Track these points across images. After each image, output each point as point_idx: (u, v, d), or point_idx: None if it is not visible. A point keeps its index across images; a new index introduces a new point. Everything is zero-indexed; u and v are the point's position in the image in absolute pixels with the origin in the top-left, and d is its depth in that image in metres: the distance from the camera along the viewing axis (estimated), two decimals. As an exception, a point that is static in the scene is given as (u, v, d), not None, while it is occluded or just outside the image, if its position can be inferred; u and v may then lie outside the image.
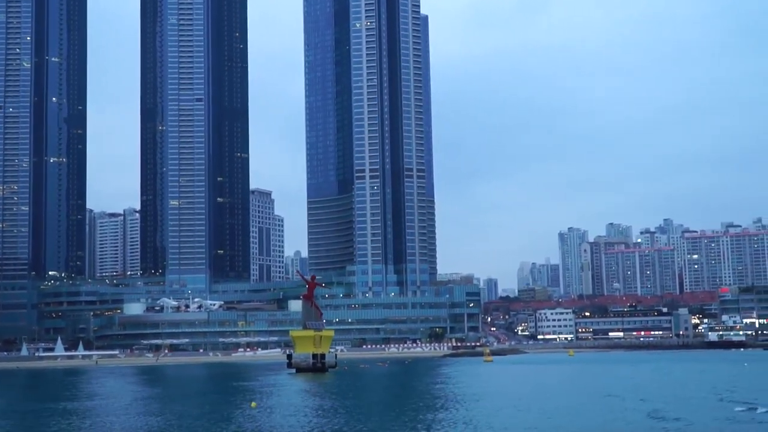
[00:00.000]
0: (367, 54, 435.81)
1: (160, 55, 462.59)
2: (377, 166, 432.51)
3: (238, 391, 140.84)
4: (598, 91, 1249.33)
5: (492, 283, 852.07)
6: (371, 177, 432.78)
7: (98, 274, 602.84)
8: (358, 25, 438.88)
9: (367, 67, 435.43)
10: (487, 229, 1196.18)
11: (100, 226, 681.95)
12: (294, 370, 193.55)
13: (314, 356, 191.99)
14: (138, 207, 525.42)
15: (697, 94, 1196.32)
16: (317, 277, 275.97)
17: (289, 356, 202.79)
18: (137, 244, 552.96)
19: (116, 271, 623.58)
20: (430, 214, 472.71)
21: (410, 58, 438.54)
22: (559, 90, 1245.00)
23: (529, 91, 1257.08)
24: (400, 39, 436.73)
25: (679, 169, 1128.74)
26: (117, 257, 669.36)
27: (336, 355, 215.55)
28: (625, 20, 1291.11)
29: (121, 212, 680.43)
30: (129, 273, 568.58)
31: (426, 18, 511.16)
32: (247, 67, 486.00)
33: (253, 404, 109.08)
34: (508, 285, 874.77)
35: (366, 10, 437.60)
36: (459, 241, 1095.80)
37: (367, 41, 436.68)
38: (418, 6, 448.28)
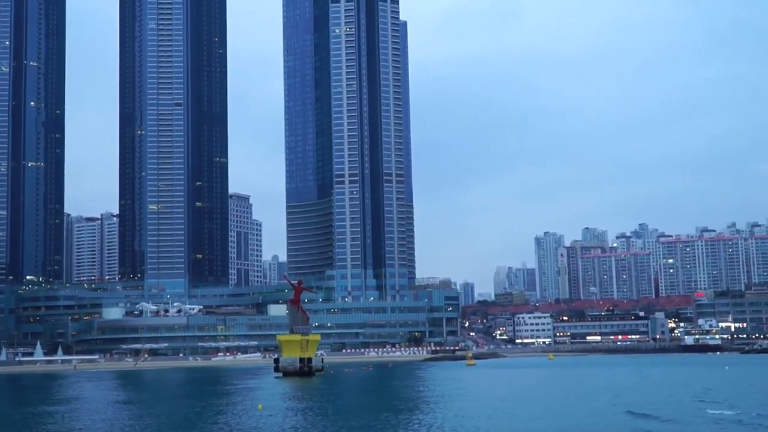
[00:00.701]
0: (346, 59, 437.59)
1: (139, 59, 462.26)
2: (356, 171, 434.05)
3: (235, 394, 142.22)
4: (574, 95, 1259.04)
5: (468, 287, 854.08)
6: (350, 181, 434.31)
7: (75, 279, 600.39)
8: (337, 30, 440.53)
9: (347, 72, 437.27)
10: (463, 233, 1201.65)
11: (77, 231, 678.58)
12: (281, 374, 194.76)
13: (301, 360, 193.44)
14: (116, 211, 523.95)
15: (671, 99, 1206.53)
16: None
17: (276, 360, 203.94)
18: (115, 249, 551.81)
19: (93, 276, 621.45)
20: (408, 218, 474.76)
21: (389, 64, 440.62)
22: (535, 94, 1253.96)
23: (505, 95, 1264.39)
24: (380, 45, 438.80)
25: (654, 174, 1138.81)
26: (94, 262, 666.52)
27: (323, 359, 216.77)
28: (598, 25, 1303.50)
29: (99, 216, 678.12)
30: (107, 278, 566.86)
31: (405, 24, 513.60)
32: (226, 72, 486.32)
33: (260, 406, 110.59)
34: (485, 289, 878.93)
35: (345, 16, 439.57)
36: (435, 244, 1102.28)
37: (346, 47, 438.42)
38: (398, 12, 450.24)
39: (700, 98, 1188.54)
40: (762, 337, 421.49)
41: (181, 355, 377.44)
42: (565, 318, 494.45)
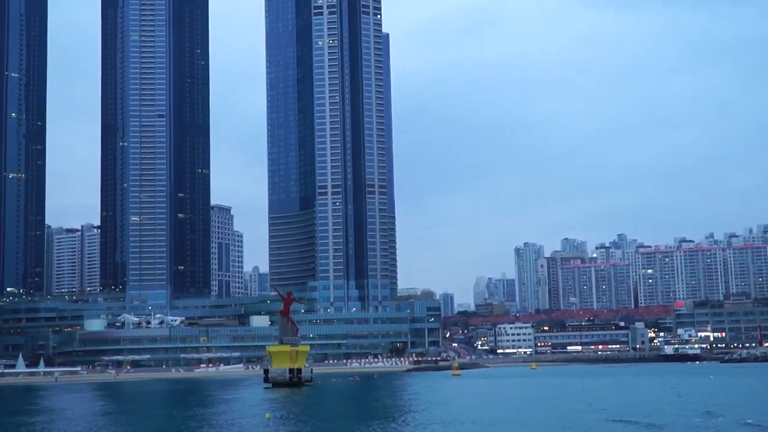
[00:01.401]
0: (329, 71, 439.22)
1: (122, 71, 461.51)
2: (339, 182, 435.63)
3: (232, 403, 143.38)
4: (551, 105, 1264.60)
5: (448, 298, 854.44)
6: (333, 193, 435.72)
7: (56, 291, 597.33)
8: (320, 42, 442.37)
9: (329, 84, 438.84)
10: (442, 244, 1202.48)
11: (57, 242, 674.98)
12: (270, 385, 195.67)
13: (291, 371, 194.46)
14: (97, 222, 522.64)
15: (650, 109, 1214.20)
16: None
17: (266, 371, 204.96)
18: (96, 260, 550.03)
19: (74, 288, 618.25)
20: (391, 229, 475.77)
21: (372, 76, 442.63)
22: (514, 105, 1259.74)
23: (484, 106, 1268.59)
24: (362, 57, 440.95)
25: (633, 184, 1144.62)
26: (75, 273, 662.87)
27: (311, 369, 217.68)
28: (575, 37, 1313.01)
29: (79, 228, 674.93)
30: (88, 289, 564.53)
31: (387, 36, 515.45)
32: (208, 84, 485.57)
33: (267, 416, 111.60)
34: (464, 300, 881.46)
35: (328, 28, 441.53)
36: (414, 255, 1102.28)
37: (329, 59, 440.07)
38: (380, 24, 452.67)
39: (679, 109, 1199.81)
40: (740, 346, 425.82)
41: (163, 366, 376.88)
42: (546, 328, 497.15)
